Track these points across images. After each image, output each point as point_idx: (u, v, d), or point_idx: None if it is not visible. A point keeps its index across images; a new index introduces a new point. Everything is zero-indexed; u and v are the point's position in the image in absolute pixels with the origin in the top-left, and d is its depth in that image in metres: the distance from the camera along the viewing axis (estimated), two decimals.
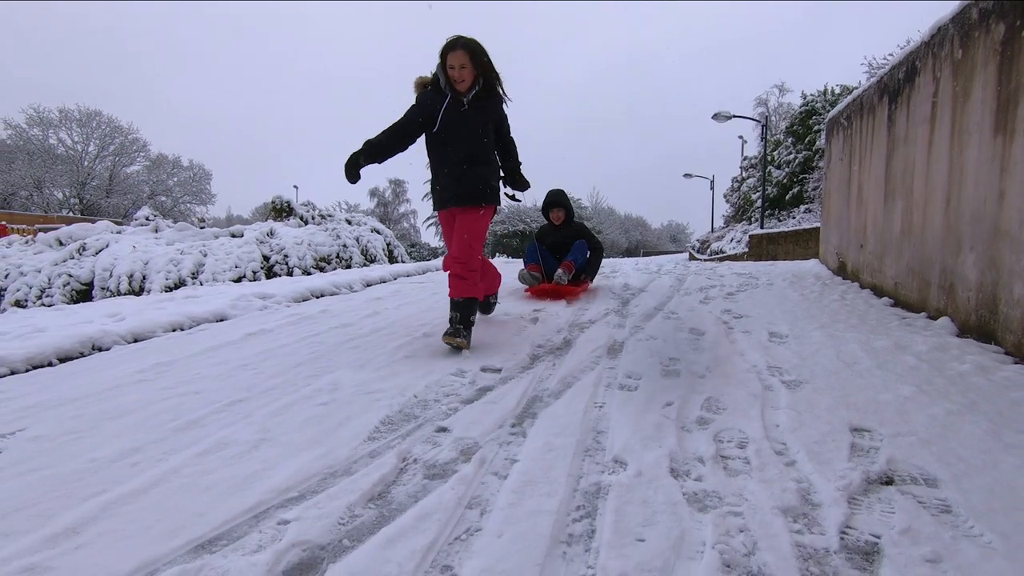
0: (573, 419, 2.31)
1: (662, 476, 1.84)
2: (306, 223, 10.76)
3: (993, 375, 2.72)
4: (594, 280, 5.79)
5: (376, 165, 3.42)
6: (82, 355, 3.43)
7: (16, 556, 1.43)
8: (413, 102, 3.46)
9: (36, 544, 1.48)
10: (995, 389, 2.54)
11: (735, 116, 22.07)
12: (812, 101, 24.82)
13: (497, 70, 3.44)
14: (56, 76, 57.65)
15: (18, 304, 7.89)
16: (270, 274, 8.55)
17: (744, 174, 32.05)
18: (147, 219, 10.75)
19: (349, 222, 11.13)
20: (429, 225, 41.75)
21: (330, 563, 1.42)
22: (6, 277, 8.31)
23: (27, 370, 3.14)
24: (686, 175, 36.53)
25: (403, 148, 3.43)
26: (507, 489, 1.78)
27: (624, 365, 3.04)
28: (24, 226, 25.44)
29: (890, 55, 14.80)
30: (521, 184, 3.78)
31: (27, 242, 9.73)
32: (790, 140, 25.30)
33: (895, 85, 4.91)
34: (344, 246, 9.97)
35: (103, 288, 8.12)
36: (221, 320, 4.38)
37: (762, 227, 20.49)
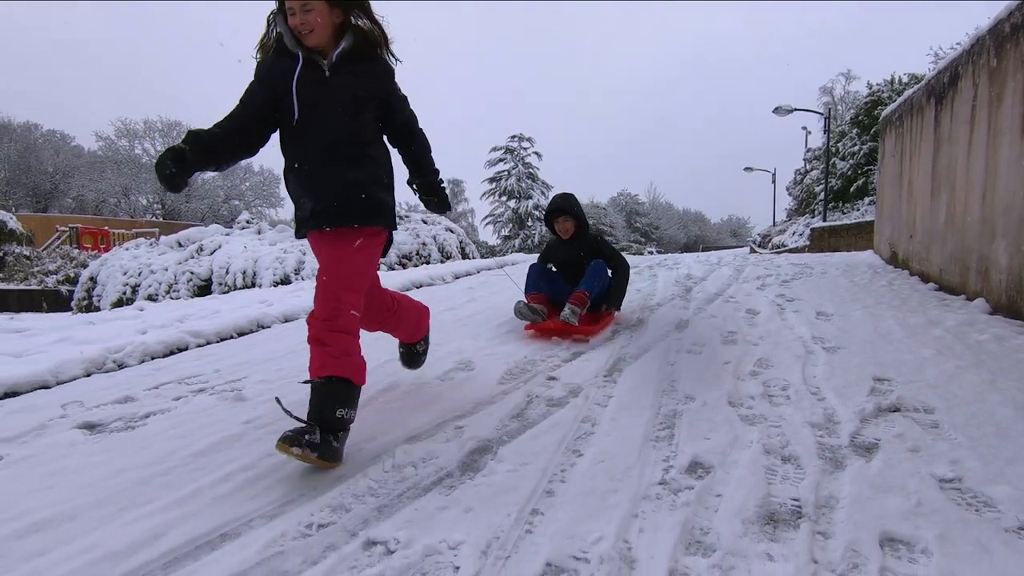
0: (651, 371, 3.01)
1: (722, 405, 2.51)
2: None
3: (1008, 343, 3.24)
4: (621, 307, 4.25)
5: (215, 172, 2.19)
6: (251, 331, 4.35)
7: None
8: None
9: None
10: (1005, 352, 3.07)
11: (797, 109, 21.99)
12: (878, 91, 24.37)
13: (380, 19, 2.25)
14: (141, 89, 61.86)
15: (150, 298, 9.15)
16: None
17: (807, 166, 31.56)
18: (247, 222, 12.01)
19: (425, 222, 12.11)
20: (487, 224, 42.89)
21: (499, 447, 2.18)
22: (139, 275, 9.64)
23: (218, 341, 4.06)
24: (747, 169, 36.13)
25: (248, 150, 2.17)
26: (608, 412, 2.50)
27: (690, 336, 3.70)
28: (123, 230, 27.84)
29: (957, 43, 14.64)
30: (435, 201, 2.56)
31: (151, 244, 11.12)
32: (855, 131, 24.92)
33: (940, 88, 5.34)
34: (423, 244, 10.94)
35: (220, 283, 9.30)
36: None
37: (824, 220, 20.40)
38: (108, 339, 3.82)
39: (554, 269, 4.34)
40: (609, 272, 4.13)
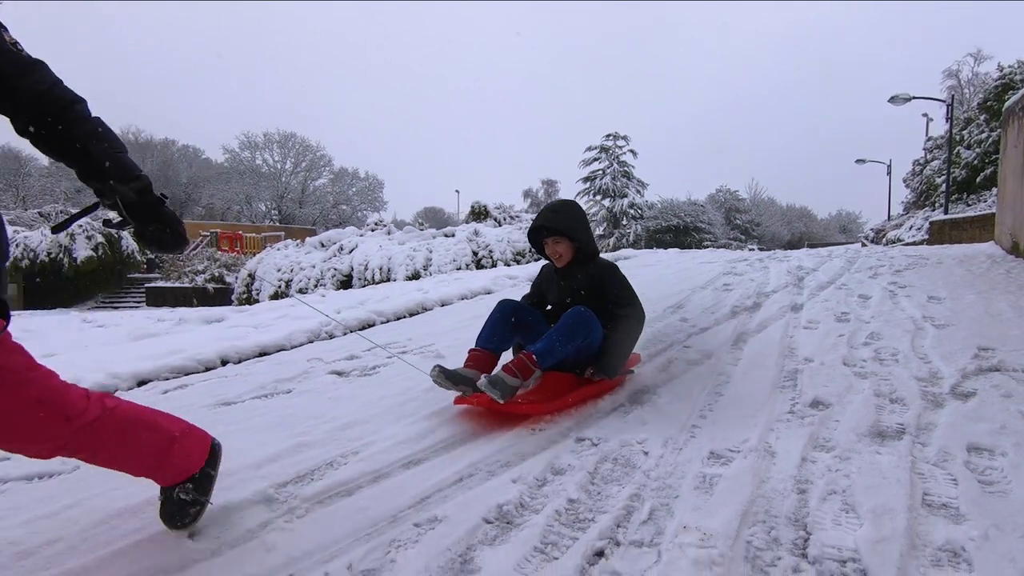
0: (773, 340, 3.54)
1: (837, 365, 3.03)
2: (500, 224, 12.70)
3: None
4: (620, 373, 2.82)
5: None
6: (417, 313, 5.23)
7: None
8: None
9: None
10: None
11: (915, 97, 20.93)
12: (1010, 73, 22.66)
13: None
14: (261, 103, 67.34)
15: (301, 291, 10.50)
16: (479, 265, 10.49)
17: (928, 156, 29.69)
18: (376, 224, 13.32)
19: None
20: None
21: (656, 388, 2.82)
22: (291, 271, 11.08)
23: (396, 319, 4.96)
24: (859, 161, 34.37)
25: None
26: (739, 369, 3.08)
27: (805, 316, 4.17)
28: (253, 234, 30.66)
29: None
30: (153, 227, 1.47)
31: (298, 245, 12.65)
32: (983, 117, 23.29)
33: None
34: None
35: (359, 278, 10.52)
36: (488, 293, 6.08)
37: (946, 212, 19.36)
38: (311, 316, 4.80)
39: (549, 307, 3.00)
40: (600, 325, 2.65)
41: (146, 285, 19.73)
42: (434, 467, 2.11)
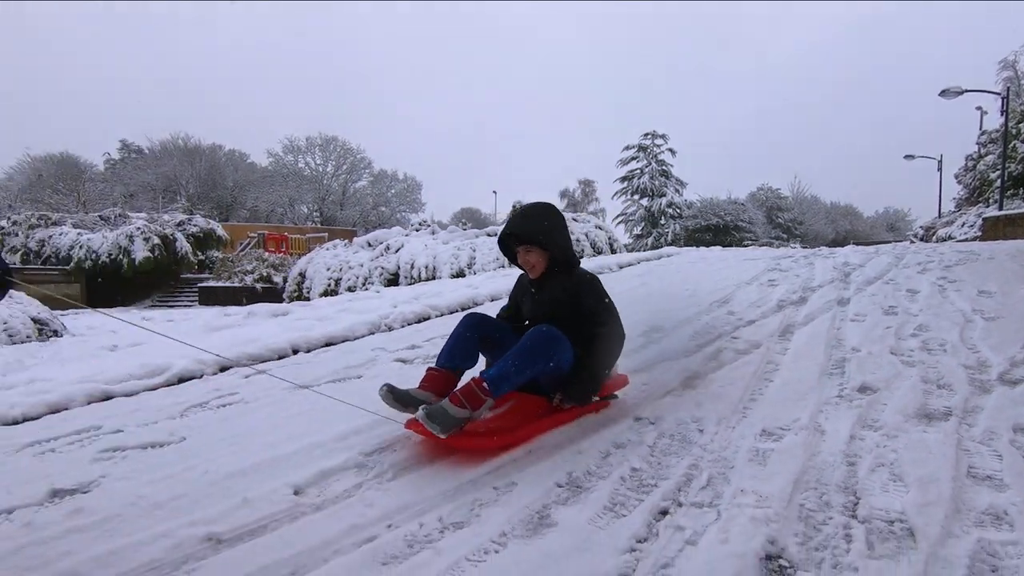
0: (820, 332, 3.64)
1: (885, 355, 3.12)
2: None
3: None
4: (609, 392, 2.63)
5: None
6: (469, 307, 5.45)
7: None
8: None
9: None
10: None
11: (969, 91, 20.30)
12: None
13: None
14: (303, 106, 68.98)
15: (349, 289, 10.90)
16: None
17: (981, 151, 28.67)
18: (420, 224, 13.67)
19: (575, 220, 13.07)
20: (619, 223, 43.10)
21: (707, 374, 2.97)
22: (340, 270, 11.50)
23: (449, 313, 5.20)
24: (908, 156, 33.35)
25: None
26: (787, 358, 3.20)
27: (852, 309, 4.24)
28: (297, 236, 31.54)
29: None
30: None
31: (346, 245, 13.09)
32: None
33: None
34: (576, 240, 11.89)
35: (406, 277, 10.87)
36: None
37: (1000, 208, 18.74)
38: (371, 310, 5.07)
39: (526, 322, 2.63)
40: (570, 346, 2.33)
41: (199, 285, 20.52)
42: None
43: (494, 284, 6.19)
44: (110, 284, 19.60)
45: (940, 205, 33.17)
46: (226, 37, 79.27)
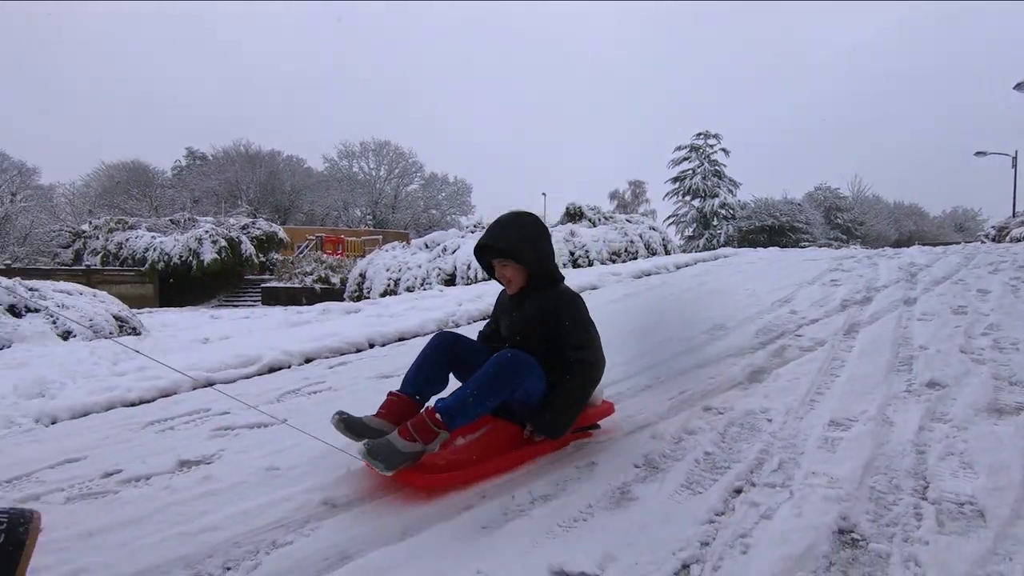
0: (886, 331, 3.66)
1: (954, 352, 3.14)
2: (594, 224, 13.01)
3: None
4: (588, 423, 2.37)
5: None
6: None
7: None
8: None
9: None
10: None
11: None
12: None
13: None
14: (357, 113, 70.84)
15: (408, 290, 11.27)
16: (575, 265, 10.85)
17: None
18: (475, 226, 13.97)
19: (629, 221, 13.14)
20: (670, 224, 42.56)
21: (773, 370, 3.05)
22: (399, 271, 11.91)
23: None
24: (978, 153, 31.81)
25: None
26: (853, 355, 3.25)
27: (919, 309, 4.22)
28: (353, 238, 32.43)
29: None
30: None
31: (404, 246, 13.52)
32: None
33: None
34: (631, 242, 11.97)
35: (462, 277, 11.16)
36: (594, 288, 6.41)
37: None
38: (438, 308, 5.30)
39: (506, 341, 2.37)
40: (540, 372, 2.11)
41: (262, 285, 21.40)
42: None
43: None
44: (180, 284, 20.69)
45: (1015, 204, 31.51)
46: (285, 46, 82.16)
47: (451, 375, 2.30)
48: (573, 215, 13.76)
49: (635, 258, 11.56)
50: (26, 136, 53.23)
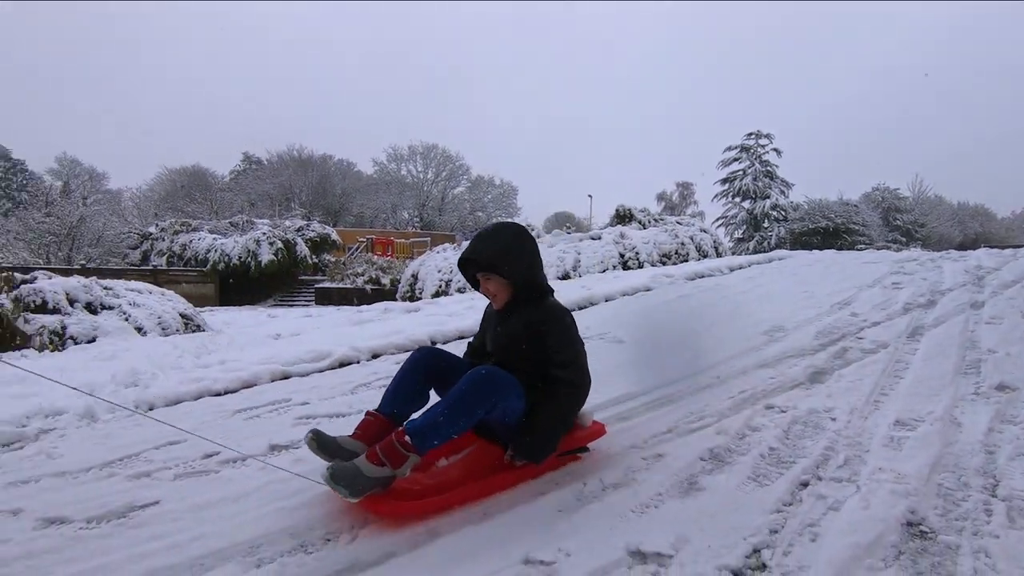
0: (952, 333, 3.62)
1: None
2: (644, 226, 12.98)
3: None
4: (576, 446, 2.22)
5: None
6: (585, 307, 5.73)
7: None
8: None
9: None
10: None
11: None
12: None
13: None
14: (406, 117, 72.11)
15: (459, 291, 11.46)
16: (625, 267, 10.87)
17: None
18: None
19: (680, 223, 13.06)
20: (719, 226, 41.77)
21: (834, 371, 3.07)
22: (450, 272, 12.15)
23: (607, 301, 5.51)
24: None
25: None
26: (917, 357, 3.24)
27: (987, 312, 4.14)
28: (402, 240, 33.08)
29: None
30: None
31: (455, 248, 13.78)
32: None
33: None
34: (682, 244, 11.91)
35: None
36: (648, 290, 6.46)
37: None
38: None
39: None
40: (519, 391, 2.00)
41: (315, 286, 22.06)
42: (643, 423, 2.55)
43: (608, 286, 6.42)
44: (239, 284, 21.52)
45: None
46: (336, 52, 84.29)
47: (433, 392, 2.16)
48: (623, 217, 13.77)
49: (685, 260, 11.48)
50: (96, 142, 56.26)
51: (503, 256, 2.10)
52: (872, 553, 1.53)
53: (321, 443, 1.95)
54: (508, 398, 1.95)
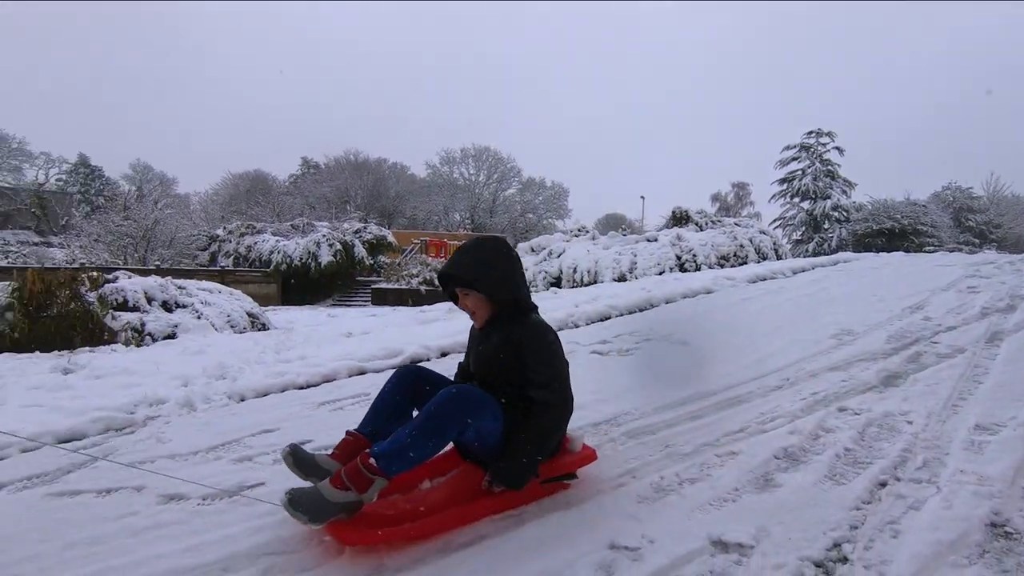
0: None
1: None
2: (701, 228, 12.85)
3: None
4: (563, 471, 2.06)
5: None
6: (643, 309, 5.77)
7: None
8: None
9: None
10: None
11: None
12: None
13: None
14: (460, 120, 72.97)
15: None
16: (682, 269, 10.79)
17: None
18: (579, 230, 14.21)
19: (738, 225, 12.86)
20: (776, 227, 40.54)
21: (908, 375, 3.04)
22: None
23: (628, 313, 5.56)
24: None
25: None
26: (997, 362, 3.17)
27: None
28: (456, 242, 33.53)
29: None
30: None
31: None
32: None
33: None
34: (740, 246, 11.74)
35: (568, 280, 11.43)
36: (708, 292, 6.44)
37: None
38: (556, 309, 5.55)
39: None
40: (497, 412, 1.91)
41: (372, 286, 22.65)
42: (715, 422, 2.61)
43: (668, 288, 6.43)
44: (300, 284, 22.32)
45: None
46: (394, 57, 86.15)
47: (415, 412, 1.99)
48: (679, 219, 13.65)
49: (744, 263, 11.30)
50: (165, 147, 59.20)
51: (480, 271, 2.01)
52: (956, 550, 1.56)
53: (298, 460, 1.87)
54: (482, 418, 1.86)
